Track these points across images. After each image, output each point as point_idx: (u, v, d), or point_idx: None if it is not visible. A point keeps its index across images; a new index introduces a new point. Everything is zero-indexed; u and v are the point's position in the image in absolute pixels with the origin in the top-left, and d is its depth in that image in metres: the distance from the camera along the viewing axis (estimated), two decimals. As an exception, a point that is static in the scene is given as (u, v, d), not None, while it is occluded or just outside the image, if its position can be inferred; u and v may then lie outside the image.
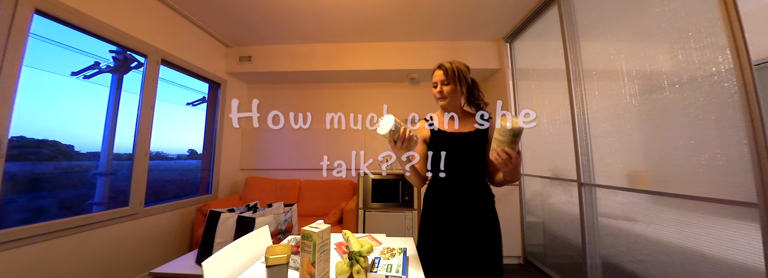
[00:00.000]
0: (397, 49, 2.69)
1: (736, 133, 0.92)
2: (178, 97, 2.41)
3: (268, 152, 3.01)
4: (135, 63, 1.88)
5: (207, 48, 2.50)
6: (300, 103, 3.14)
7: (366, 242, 0.92)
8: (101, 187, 1.72)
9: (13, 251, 1.23)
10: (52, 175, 1.55)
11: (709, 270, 1.00)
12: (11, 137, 1.24)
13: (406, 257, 0.86)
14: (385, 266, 0.78)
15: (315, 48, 2.74)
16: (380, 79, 3.02)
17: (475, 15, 2.22)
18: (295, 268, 0.82)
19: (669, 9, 1.14)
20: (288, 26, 2.40)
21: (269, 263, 0.68)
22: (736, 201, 0.92)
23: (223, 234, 1.39)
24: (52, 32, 1.46)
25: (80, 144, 1.67)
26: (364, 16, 2.24)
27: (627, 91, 1.35)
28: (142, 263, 1.84)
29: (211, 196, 2.57)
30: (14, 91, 1.24)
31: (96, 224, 1.57)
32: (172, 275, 1.34)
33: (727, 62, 0.94)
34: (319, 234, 0.72)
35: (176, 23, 2.14)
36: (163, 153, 2.27)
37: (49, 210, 1.48)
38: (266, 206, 1.55)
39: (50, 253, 1.37)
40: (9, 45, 1.22)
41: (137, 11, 1.83)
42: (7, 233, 1.21)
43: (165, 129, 2.14)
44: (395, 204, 2.27)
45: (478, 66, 2.61)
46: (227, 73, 2.78)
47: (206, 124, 2.68)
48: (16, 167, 1.33)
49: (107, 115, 1.76)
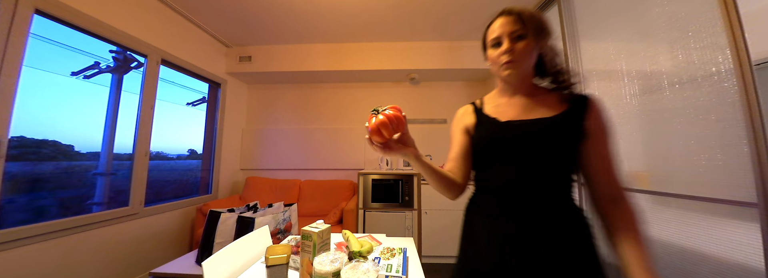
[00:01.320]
0: (397, 49, 2.69)
1: (736, 133, 0.92)
2: (178, 97, 2.41)
3: (268, 152, 3.01)
4: (135, 63, 1.88)
5: (207, 48, 2.50)
6: (300, 103, 3.14)
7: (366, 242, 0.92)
8: (101, 187, 1.72)
9: (13, 251, 1.23)
10: (52, 175, 1.55)
11: (709, 270, 1.00)
12: (11, 137, 1.24)
13: (406, 257, 0.86)
14: (385, 266, 0.78)
15: (315, 48, 2.74)
16: (380, 79, 3.02)
17: (475, 15, 2.22)
18: (295, 268, 0.82)
19: (669, 9, 1.14)
20: (288, 26, 2.40)
21: (269, 263, 0.68)
22: (736, 201, 0.92)
23: (223, 234, 1.39)
24: (52, 32, 1.46)
25: (80, 144, 1.67)
26: (364, 16, 2.24)
27: (627, 91, 1.35)
28: (142, 263, 1.84)
29: (211, 196, 2.57)
30: (14, 91, 1.24)
31: (96, 224, 1.57)
32: (172, 275, 1.34)
33: (727, 62, 0.94)
34: (319, 234, 0.72)
35: (176, 23, 2.14)
36: (163, 153, 2.27)
37: (49, 210, 1.48)
38: (266, 206, 1.55)
39: (50, 253, 1.37)
40: (9, 45, 1.22)
41: (137, 11, 1.83)
42: (7, 233, 1.21)
43: (165, 129, 2.14)
44: (395, 204, 2.27)
45: (477, 66, 2.60)
46: (227, 73, 2.78)
47: (206, 124, 2.68)
48: (16, 167, 1.33)
49: (107, 115, 1.76)
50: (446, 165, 0.72)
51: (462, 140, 0.71)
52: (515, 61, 0.60)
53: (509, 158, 0.61)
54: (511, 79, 0.64)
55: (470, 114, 0.72)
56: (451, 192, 0.67)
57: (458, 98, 3.05)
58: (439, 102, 3.06)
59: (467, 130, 0.71)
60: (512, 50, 0.59)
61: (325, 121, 3.08)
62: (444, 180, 0.65)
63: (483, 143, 0.66)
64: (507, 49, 0.60)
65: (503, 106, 0.68)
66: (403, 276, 0.73)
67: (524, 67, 0.62)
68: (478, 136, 0.67)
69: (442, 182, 0.65)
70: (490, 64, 0.66)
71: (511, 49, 0.59)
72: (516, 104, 0.66)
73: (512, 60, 0.60)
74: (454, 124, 0.76)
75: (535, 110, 0.63)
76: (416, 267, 0.84)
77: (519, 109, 0.65)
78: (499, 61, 0.62)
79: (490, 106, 0.71)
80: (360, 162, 2.91)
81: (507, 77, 0.64)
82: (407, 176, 2.29)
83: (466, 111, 0.75)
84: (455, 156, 0.70)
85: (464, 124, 0.72)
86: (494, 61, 0.63)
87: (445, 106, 3.05)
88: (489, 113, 0.69)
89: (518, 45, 0.59)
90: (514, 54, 0.60)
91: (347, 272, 0.62)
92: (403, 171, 2.33)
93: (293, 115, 3.10)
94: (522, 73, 0.63)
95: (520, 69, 0.61)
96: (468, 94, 3.05)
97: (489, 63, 0.66)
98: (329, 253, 0.67)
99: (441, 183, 0.65)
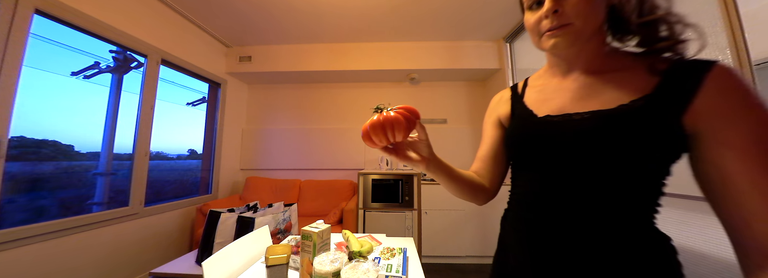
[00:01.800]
0: (397, 49, 2.69)
1: (736, 133, 0.92)
2: (178, 97, 2.41)
3: (268, 152, 3.01)
4: (135, 63, 1.88)
5: (207, 48, 2.50)
6: (300, 103, 3.14)
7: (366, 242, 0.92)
8: (101, 187, 1.72)
9: (13, 251, 1.23)
10: (52, 175, 1.54)
11: (709, 270, 1.00)
12: (11, 137, 1.24)
13: (406, 257, 0.86)
14: (385, 266, 0.78)
15: (315, 48, 2.74)
16: (380, 79, 3.02)
17: (475, 15, 2.22)
18: (295, 268, 0.82)
19: (669, 9, 1.14)
20: (288, 26, 2.40)
21: (269, 263, 0.68)
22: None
23: (223, 234, 1.39)
24: (52, 32, 1.46)
25: (80, 144, 1.67)
26: (364, 16, 2.24)
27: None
28: (142, 263, 1.84)
29: (211, 196, 2.57)
30: (14, 91, 1.24)
31: (96, 224, 1.57)
32: (172, 275, 1.34)
33: (727, 62, 0.94)
34: (319, 234, 0.72)
35: (176, 23, 2.14)
36: (163, 153, 2.27)
37: (49, 210, 1.48)
38: (266, 206, 1.55)
39: (50, 253, 1.37)
40: (9, 45, 1.22)
41: (137, 11, 1.83)
42: (7, 233, 1.21)
43: (165, 129, 2.14)
44: (395, 204, 2.27)
45: (478, 66, 2.61)
46: (227, 73, 2.78)
47: (206, 124, 2.68)
48: (16, 167, 1.33)
49: (107, 115, 1.76)
50: (473, 166, 0.59)
51: (493, 135, 0.56)
52: (567, 26, 0.39)
53: (544, 168, 0.43)
54: (562, 50, 0.42)
55: (505, 102, 0.55)
56: (476, 199, 0.54)
57: (458, 98, 3.05)
58: (439, 102, 3.06)
59: (500, 123, 0.55)
60: (559, 10, 0.39)
61: (325, 121, 3.08)
62: (467, 186, 0.52)
63: (509, 145, 0.51)
64: (551, 8, 0.39)
65: (550, 91, 0.48)
66: (403, 276, 0.73)
67: (583, 30, 0.39)
68: (507, 134, 0.52)
69: (464, 188, 0.52)
70: (529, 34, 0.45)
71: (556, 9, 0.39)
72: (568, 87, 0.45)
73: (562, 25, 0.39)
74: (487, 114, 0.61)
75: (597, 95, 0.40)
76: (416, 267, 0.84)
77: (571, 95, 0.44)
78: (540, 29, 0.42)
79: (533, 91, 0.51)
80: (360, 162, 2.91)
81: (553, 49, 0.42)
82: (407, 176, 2.29)
83: (501, 98, 0.58)
84: (484, 155, 0.56)
85: (497, 114, 0.56)
86: (532, 28, 0.44)
87: (445, 106, 3.05)
88: (528, 102, 0.50)
89: (569, 2, 0.38)
90: (564, 15, 0.39)
91: (347, 272, 0.62)
92: (403, 171, 2.33)
93: (293, 115, 3.10)
94: (580, 40, 0.40)
95: (574, 35, 0.40)
96: (468, 93, 3.05)
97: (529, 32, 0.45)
98: (329, 253, 0.67)
99: (463, 189, 0.52)
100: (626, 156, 0.36)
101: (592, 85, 0.42)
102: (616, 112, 0.37)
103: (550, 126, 0.43)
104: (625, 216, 0.38)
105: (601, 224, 0.38)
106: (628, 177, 0.37)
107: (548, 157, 0.43)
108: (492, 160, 0.55)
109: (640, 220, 0.38)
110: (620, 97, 0.38)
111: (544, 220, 0.42)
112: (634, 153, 0.35)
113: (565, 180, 0.41)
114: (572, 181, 0.40)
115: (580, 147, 0.39)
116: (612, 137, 0.36)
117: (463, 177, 0.52)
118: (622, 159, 0.36)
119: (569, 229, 0.40)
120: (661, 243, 0.38)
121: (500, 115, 0.56)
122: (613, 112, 0.37)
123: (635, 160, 0.36)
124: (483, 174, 0.55)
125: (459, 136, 2.95)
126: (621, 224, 0.38)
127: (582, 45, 0.42)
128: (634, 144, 0.35)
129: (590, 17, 0.39)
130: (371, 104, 3.04)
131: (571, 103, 0.43)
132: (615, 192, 0.38)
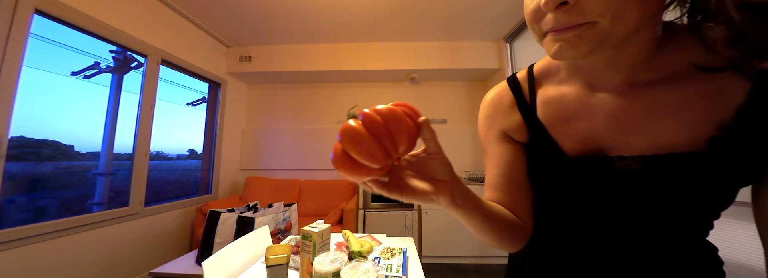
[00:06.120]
0: (397, 49, 2.69)
1: (737, 133, 0.92)
2: (178, 97, 2.41)
3: (268, 152, 3.01)
4: (135, 63, 1.88)
5: (207, 48, 2.50)
6: (300, 103, 3.14)
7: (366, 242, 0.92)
8: (101, 187, 1.72)
9: (13, 251, 1.23)
10: (52, 175, 1.55)
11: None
12: (11, 137, 1.24)
13: (406, 257, 0.86)
14: (385, 266, 0.78)
15: (315, 48, 2.74)
16: (380, 79, 3.02)
17: (475, 15, 2.22)
18: (295, 268, 0.82)
19: (669, 9, 1.14)
20: (288, 26, 2.40)
21: (269, 263, 0.68)
22: (736, 201, 0.92)
23: (223, 234, 1.39)
24: (52, 32, 1.46)
25: (80, 144, 1.67)
26: (364, 16, 2.24)
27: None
28: (142, 263, 1.84)
29: (211, 196, 2.57)
30: (14, 91, 1.24)
31: (96, 224, 1.57)
32: (172, 275, 1.34)
33: None
34: (319, 234, 0.72)
35: (176, 23, 2.14)
36: (163, 153, 2.27)
37: (49, 210, 1.48)
38: (266, 206, 1.55)
39: (50, 253, 1.37)
40: (9, 45, 1.22)
41: (137, 11, 1.83)
42: (7, 233, 1.21)
43: (165, 129, 2.14)
44: (395, 204, 2.27)
45: (478, 66, 2.60)
46: (227, 73, 2.78)
47: (206, 124, 2.68)
48: (16, 167, 1.33)
49: (107, 115, 1.76)
50: (486, 195, 0.42)
51: (504, 152, 0.40)
52: (584, 26, 0.26)
53: (580, 214, 0.35)
54: (573, 60, 0.31)
55: (509, 110, 0.40)
56: (515, 240, 0.36)
57: (458, 98, 3.05)
58: (439, 102, 3.06)
59: (508, 136, 0.41)
60: (571, 2, 0.25)
61: (326, 121, 3.08)
62: (503, 224, 0.35)
63: (542, 186, 0.39)
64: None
65: (571, 105, 0.34)
66: (403, 276, 0.73)
67: (612, 33, 0.25)
68: (531, 166, 0.39)
69: (500, 227, 0.34)
70: (529, 27, 0.31)
71: (565, 0, 0.25)
72: (600, 106, 0.32)
73: (575, 23, 0.26)
74: (484, 124, 0.44)
75: (647, 122, 0.29)
76: (416, 267, 0.84)
77: (605, 118, 0.32)
78: (541, 27, 0.29)
79: (548, 103, 0.37)
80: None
81: (559, 58, 0.29)
82: (407, 176, 2.29)
83: (501, 103, 0.42)
84: (500, 183, 0.39)
85: (501, 127, 0.41)
86: (531, 22, 0.30)
87: (445, 106, 3.05)
88: (545, 120, 0.37)
89: None
90: (580, 10, 0.25)
91: (347, 272, 0.62)
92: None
93: (293, 115, 3.10)
94: (605, 47, 0.26)
95: (595, 41, 0.26)
96: (468, 93, 3.05)
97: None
98: (329, 253, 0.67)
99: (500, 228, 0.34)
100: (699, 202, 0.28)
101: (633, 107, 0.29)
102: (682, 159, 0.27)
103: (588, 172, 0.32)
104: (681, 242, 0.33)
105: (653, 249, 0.32)
106: (696, 217, 0.31)
107: (588, 208, 0.34)
108: (514, 187, 0.39)
109: (694, 240, 0.33)
110: (681, 129, 0.27)
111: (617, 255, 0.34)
112: (711, 198, 0.28)
113: (608, 225, 0.33)
114: (619, 227, 0.33)
115: (633, 204, 0.30)
116: (676, 190, 0.27)
117: (494, 211, 0.35)
118: (695, 204, 0.29)
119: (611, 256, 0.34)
120: (711, 254, 0.34)
121: (506, 129, 0.41)
122: (679, 159, 0.27)
123: (709, 201, 0.29)
124: (508, 207, 0.39)
125: (460, 137, 2.95)
126: (674, 247, 0.33)
127: (612, 52, 0.28)
128: (709, 192, 0.27)
129: (629, 13, 0.24)
130: (371, 104, 3.00)
131: (605, 131, 0.31)
132: (674, 228, 0.32)
